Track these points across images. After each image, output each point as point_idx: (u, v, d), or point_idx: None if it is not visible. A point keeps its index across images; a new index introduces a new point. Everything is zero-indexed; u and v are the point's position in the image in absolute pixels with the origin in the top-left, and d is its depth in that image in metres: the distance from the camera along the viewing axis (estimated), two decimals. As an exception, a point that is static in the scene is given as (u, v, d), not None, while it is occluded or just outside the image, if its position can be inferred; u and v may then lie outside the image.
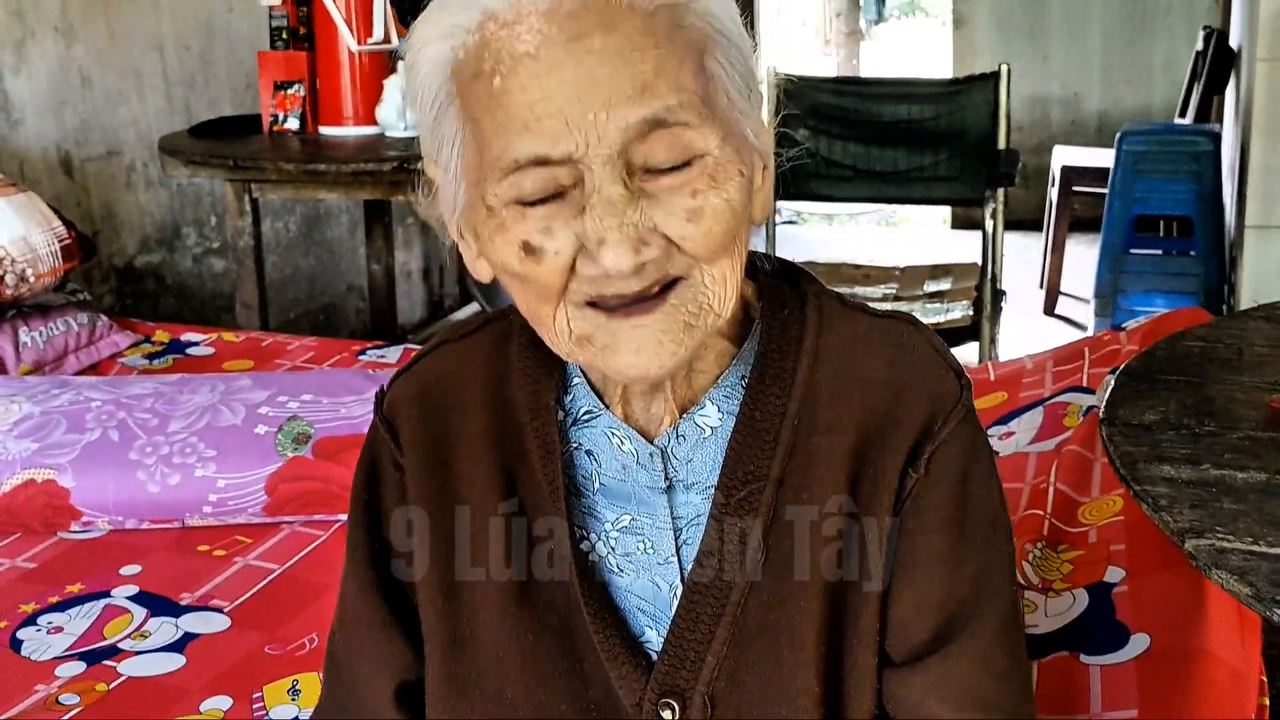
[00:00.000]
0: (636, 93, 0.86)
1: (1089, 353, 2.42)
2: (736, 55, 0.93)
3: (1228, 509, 1.25)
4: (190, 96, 4.02)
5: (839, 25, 10.92)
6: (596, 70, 0.86)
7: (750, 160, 0.94)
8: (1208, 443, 1.41)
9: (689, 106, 0.88)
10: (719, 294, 0.93)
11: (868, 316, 1.06)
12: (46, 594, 1.95)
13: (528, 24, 0.87)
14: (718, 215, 0.90)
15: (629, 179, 0.88)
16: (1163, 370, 1.63)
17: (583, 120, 0.86)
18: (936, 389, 1.01)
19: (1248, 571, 1.14)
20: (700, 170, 0.89)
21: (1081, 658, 1.57)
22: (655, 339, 0.92)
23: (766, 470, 1.00)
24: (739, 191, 0.91)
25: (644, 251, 0.88)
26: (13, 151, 3.47)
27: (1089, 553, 1.79)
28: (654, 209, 0.89)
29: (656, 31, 0.88)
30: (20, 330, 2.81)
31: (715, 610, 1.00)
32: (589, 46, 0.86)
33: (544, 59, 0.86)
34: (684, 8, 0.90)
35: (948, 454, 1.00)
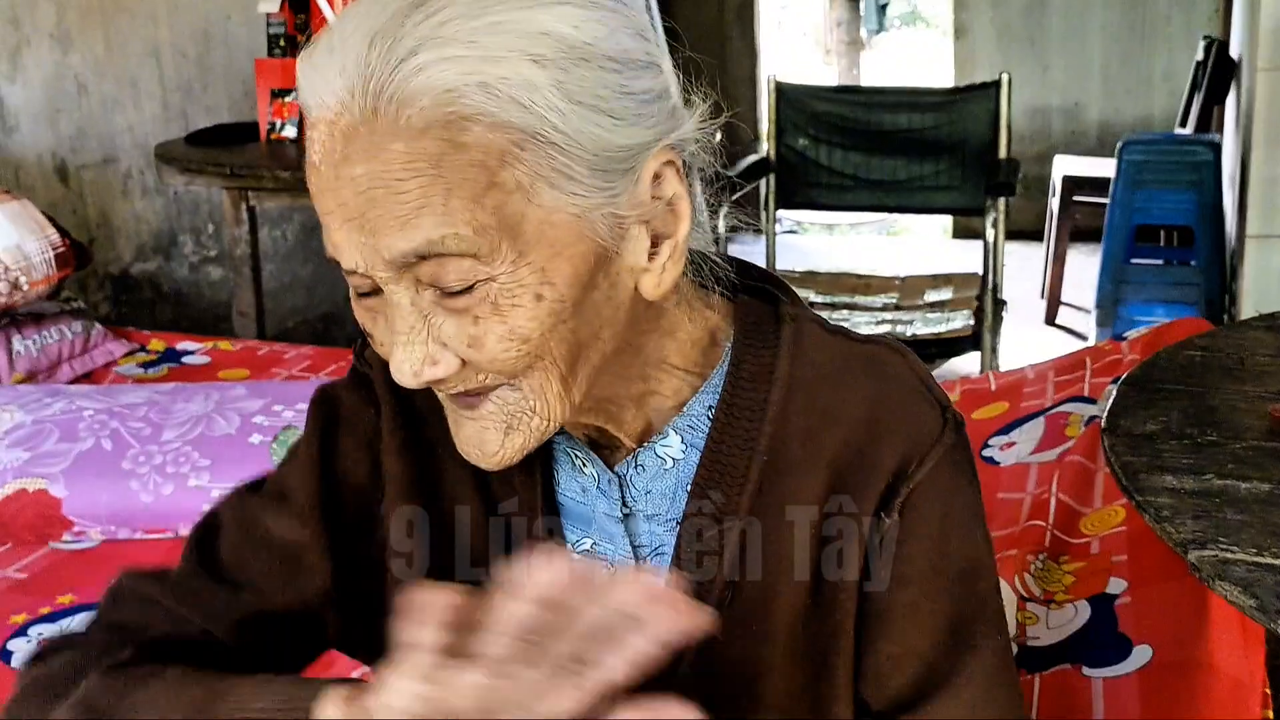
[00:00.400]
0: (398, 226, 0.80)
1: (1090, 362, 2.42)
2: (567, 147, 0.83)
3: (1231, 520, 1.24)
4: (187, 104, 4.01)
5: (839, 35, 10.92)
6: (358, 199, 0.81)
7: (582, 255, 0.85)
8: (1210, 453, 1.39)
9: (458, 240, 0.81)
10: (539, 404, 0.88)
11: (849, 342, 1.00)
12: (37, 605, 1.94)
13: (319, 132, 0.82)
14: (501, 343, 0.84)
15: (418, 295, 0.84)
16: (1164, 380, 1.61)
17: (356, 242, 0.82)
18: (916, 425, 0.96)
19: (1252, 583, 1.13)
20: (482, 296, 0.83)
21: (1084, 670, 1.56)
22: (479, 434, 0.89)
23: (734, 508, 0.96)
24: (531, 317, 0.84)
25: (430, 369, 0.85)
26: (8, 158, 3.46)
27: (1091, 564, 1.78)
28: (443, 327, 0.85)
29: (424, 157, 0.80)
30: (14, 338, 2.80)
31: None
32: (353, 172, 0.80)
33: (324, 175, 0.82)
34: (464, 123, 0.80)
35: (924, 497, 0.95)
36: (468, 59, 0.80)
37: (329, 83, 0.81)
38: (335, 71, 0.81)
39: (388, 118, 0.79)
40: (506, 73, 0.80)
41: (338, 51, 0.81)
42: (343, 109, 0.80)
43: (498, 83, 0.80)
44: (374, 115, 0.79)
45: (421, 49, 0.79)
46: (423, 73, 0.79)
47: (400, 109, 0.79)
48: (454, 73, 0.79)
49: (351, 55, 0.80)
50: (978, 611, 0.96)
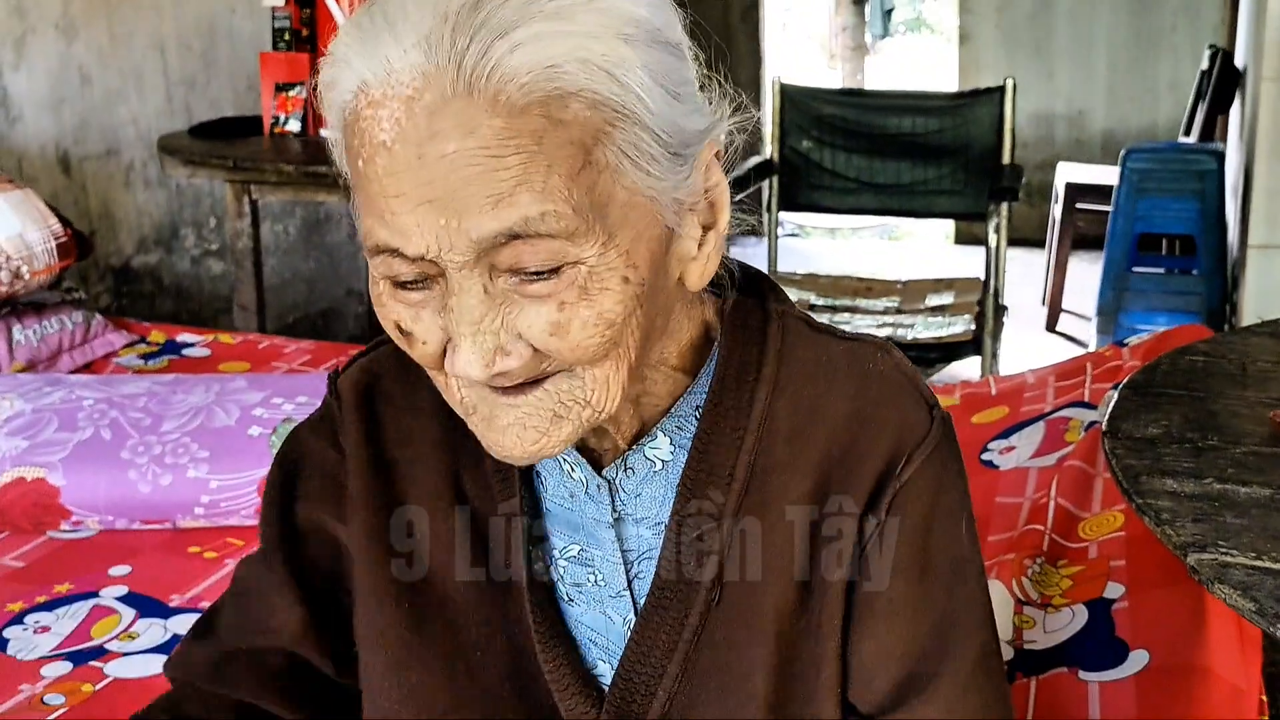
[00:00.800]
0: (491, 204, 0.78)
1: (1091, 368, 2.41)
2: (652, 127, 0.83)
3: (1231, 524, 1.24)
4: (191, 97, 4.01)
5: (844, 39, 10.92)
6: (449, 177, 0.78)
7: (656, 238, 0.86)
8: (1210, 457, 1.39)
9: (556, 216, 0.79)
10: (599, 394, 0.86)
11: (836, 340, 0.99)
12: (34, 593, 1.94)
13: (389, 110, 0.78)
14: (586, 329, 0.82)
15: (491, 282, 0.81)
16: (1166, 384, 1.61)
17: (434, 225, 0.79)
18: (903, 422, 0.95)
19: (1251, 587, 1.13)
20: (570, 280, 0.81)
21: (1080, 674, 1.56)
22: (520, 422, 0.86)
23: (722, 508, 0.95)
24: (618, 301, 0.83)
25: (502, 361, 0.83)
26: (11, 148, 3.46)
27: (1089, 568, 1.78)
28: (520, 316, 0.82)
29: (524, 133, 0.77)
30: (14, 328, 2.80)
31: (668, 645, 0.96)
32: (443, 149, 0.77)
33: (399, 155, 0.78)
34: (565, 99, 0.79)
35: (910, 495, 0.94)
36: (569, 35, 0.79)
37: (401, 57, 0.78)
38: (409, 46, 0.78)
39: (486, 94, 0.77)
40: (605, 49, 0.80)
41: (406, 25, 0.79)
42: (426, 84, 0.77)
43: (598, 59, 0.79)
44: (469, 92, 0.77)
45: (515, 26, 0.78)
46: (520, 49, 0.77)
47: (500, 85, 0.77)
48: (556, 49, 0.78)
49: (427, 29, 0.78)
50: (961, 610, 0.96)
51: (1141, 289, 4.80)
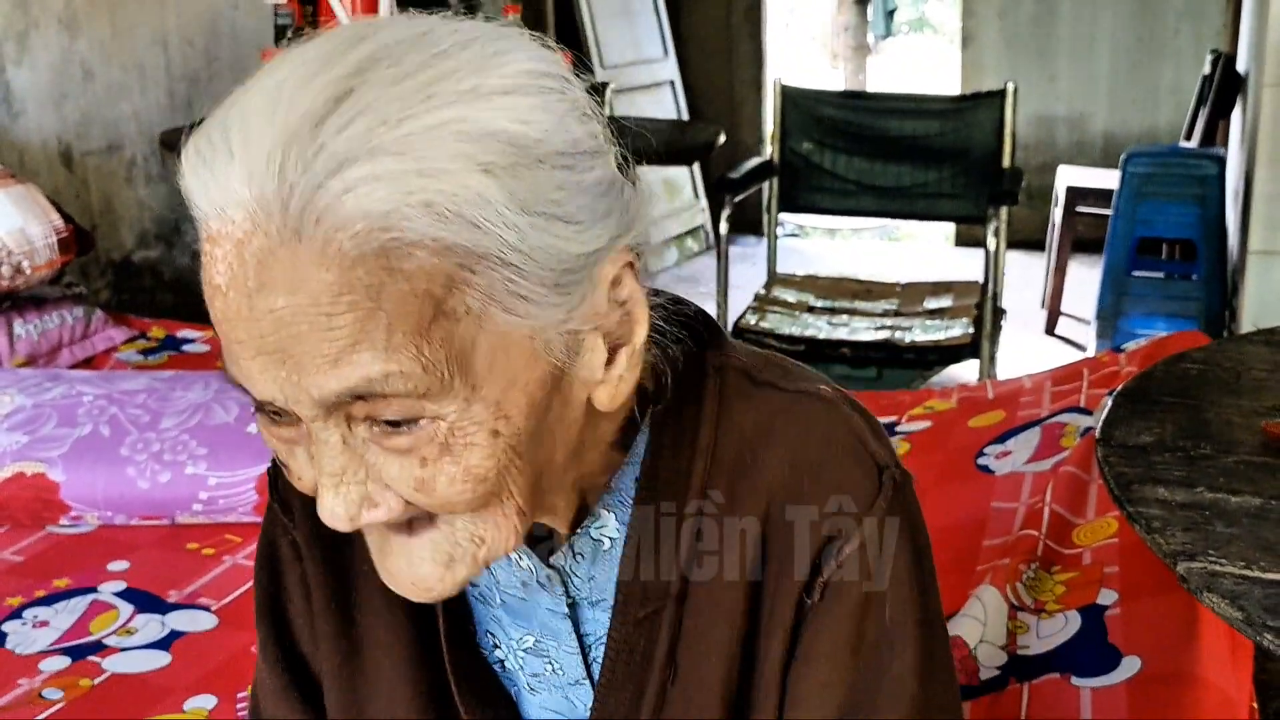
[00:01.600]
0: (329, 364, 0.69)
1: (1088, 374, 2.42)
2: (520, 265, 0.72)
3: (1221, 533, 1.24)
4: (193, 93, 4.01)
5: (846, 39, 10.92)
6: (280, 333, 0.69)
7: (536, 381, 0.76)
8: (1203, 466, 1.40)
9: (403, 378, 0.70)
10: (492, 535, 0.78)
11: (776, 395, 0.90)
12: (33, 588, 1.94)
13: (223, 250, 0.69)
14: (454, 485, 0.74)
15: (350, 432, 0.74)
16: (1160, 392, 1.62)
17: (275, 376, 0.71)
18: (843, 493, 0.86)
19: (1239, 596, 1.13)
20: (429, 436, 0.73)
21: (1072, 679, 1.57)
22: (412, 566, 0.79)
23: (666, 587, 0.88)
24: (486, 456, 0.74)
25: (370, 512, 0.75)
26: (12, 143, 3.46)
27: (1082, 574, 1.78)
28: (384, 467, 0.75)
29: (358, 288, 0.68)
30: (15, 323, 2.80)
31: None
32: (271, 304, 0.68)
33: (232, 302, 0.70)
34: (406, 249, 0.68)
35: (846, 575, 0.86)
36: (405, 174, 0.68)
37: (232, 192, 0.69)
38: (240, 180, 0.68)
39: (314, 244, 0.68)
40: (453, 187, 0.69)
41: (240, 150, 0.69)
42: (254, 228, 0.68)
43: (445, 200, 0.69)
44: (296, 239, 0.68)
45: (349, 164, 0.68)
46: (353, 192, 0.67)
47: (329, 234, 0.68)
48: (391, 191, 0.68)
49: (259, 162, 0.68)
50: (887, 693, 0.88)
51: (1141, 293, 4.80)
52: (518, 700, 0.98)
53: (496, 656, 0.97)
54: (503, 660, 0.97)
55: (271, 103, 0.69)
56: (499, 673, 0.98)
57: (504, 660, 0.97)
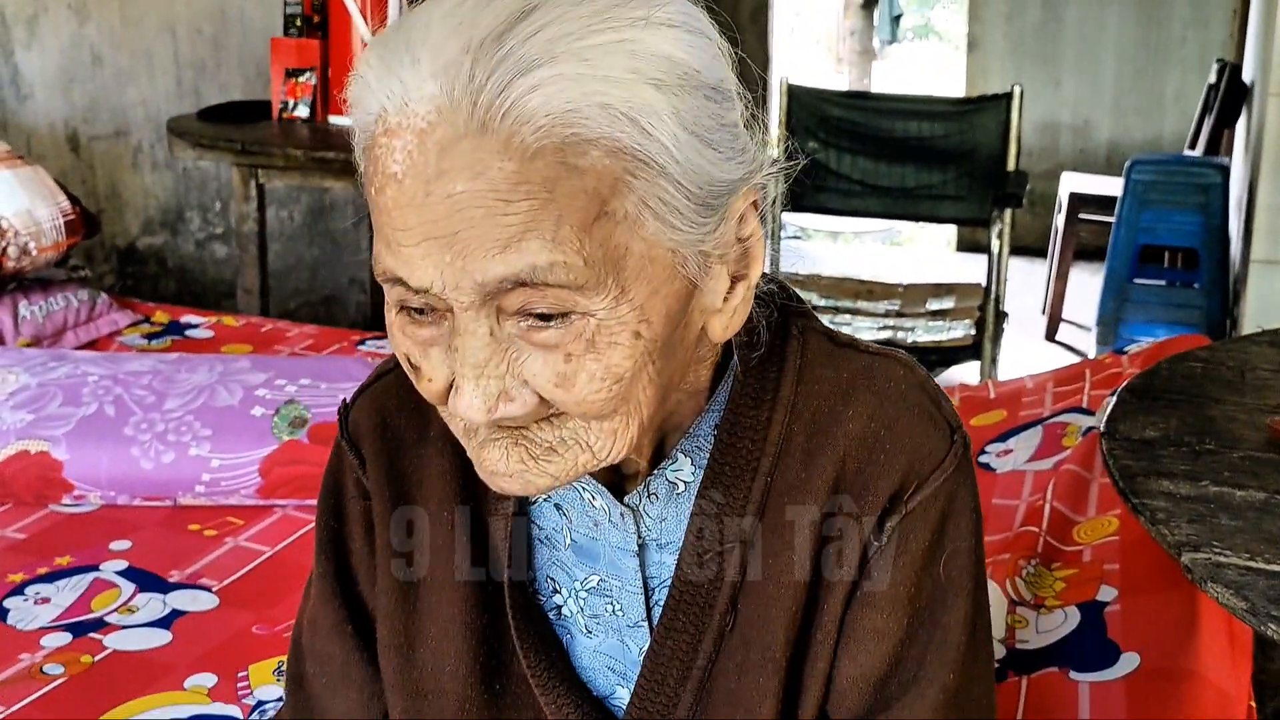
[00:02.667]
0: (498, 249, 0.74)
1: (1090, 375, 2.42)
2: (678, 178, 0.79)
3: (1225, 525, 1.25)
4: (200, 80, 4.02)
5: (852, 44, 10.94)
6: (454, 217, 0.74)
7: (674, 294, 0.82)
8: (1207, 461, 1.40)
9: (565, 268, 0.75)
10: (602, 444, 0.83)
11: (858, 355, 0.95)
12: (35, 565, 1.95)
13: (402, 141, 0.75)
14: (593, 383, 0.79)
15: (498, 325, 0.78)
16: (1165, 389, 1.62)
17: (439, 262, 0.76)
18: (918, 446, 0.91)
19: (1243, 586, 1.14)
20: (578, 332, 0.78)
21: (1070, 674, 1.57)
22: (517, 456, 0.83)
23: (735, 532, 0.92)
24: (627, 356, 0.79)
25: (505, 406, 0.79)
26: (20, 126, 3.47)
27: (1082, 571, 1.79)
28: (525, 362, 0.79)
29: (536, 179, 0.74)
30: (20, 304, 2.81)
31: (681, 673, 0.95)
32: (450, 188, 0.74)
33: (407, 189, 0.75)
34: (583, 146, 0.75)
35: (914, 525, 0.91)
36: (588, 78, 0.75)
37: (417, 88, 0.75)
38: (425, 77, 0.75)
39: (499, 135, 0.74)
40: (628, 94, 0.76)
41: (426, 51, 0.75)
42: (439, 119, 0.74)
43: (620, 104, 0.75)
44: (481, 131, 0.74)
45: (538, 65, 0.74)
46: (538, 90, 0.73)
47: (514, 127, 0.73)
48: (575, 92, 0.74)
49: (446, 62, 0.74)
50: (937, 642, 0.93)
51: (1142, 300, 4.81)
52: (570, 646, 1.00)
53: (554, 602, 1.00)
54: (560, 606, 1.00)
55: (454, 17, 0.76)
56: (554, 620, 1.01)
57: (561, 606, 1.00)
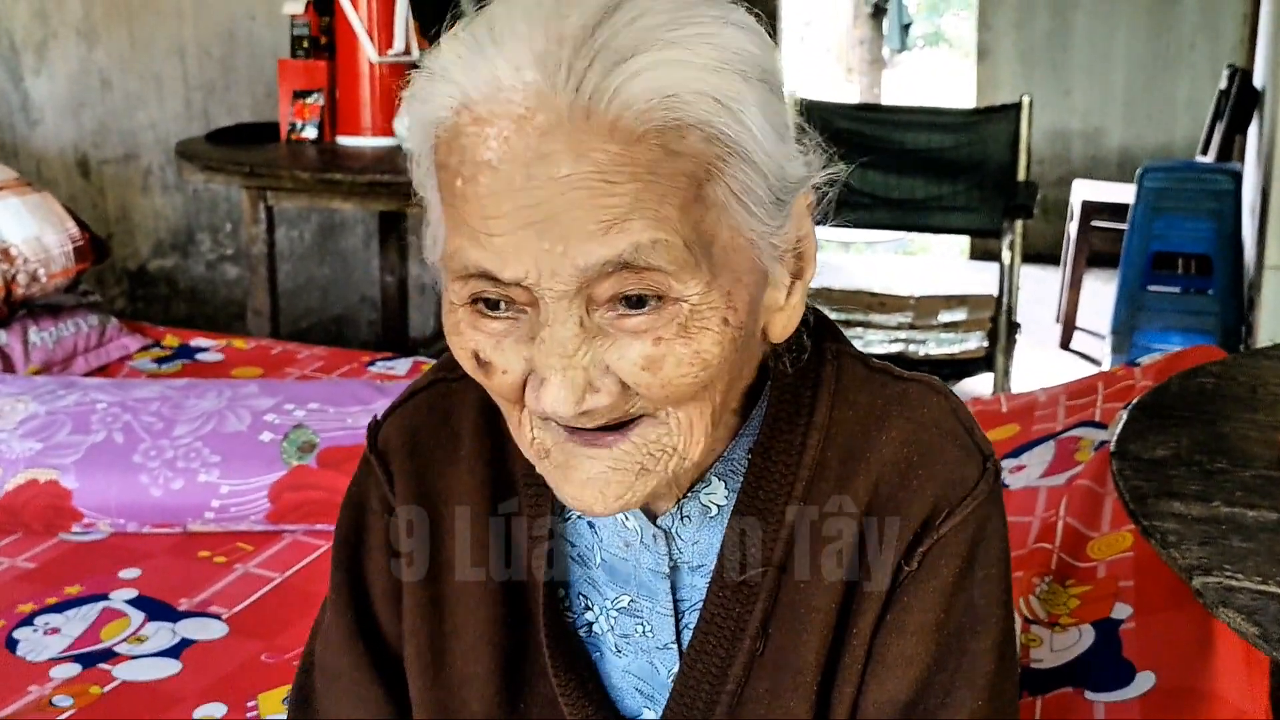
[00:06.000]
0: (601, 230, 0.75)
1: (1103, 388, 2.41)
2: (762, 167, 0.81)
3: (1237, 547, 1.23)
4: (209, 103, 4.03)
5: (862, 53, 10.93)
6: (557, 200, 0.75)
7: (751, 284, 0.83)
8: (1219, 480, 1.39)
9: (667, 247, 0.76)
10: (684, 440, 0.84)
11: (892, 381, 0.96)
12: (44, 595, 1.94)
13: (497, 128, 0.76)
14: (681, 367, 0.79)
15: (587, 315, 0.78)
16: (1175, 406, 1.61)
17: (536, 249, 0.76)
18: (950, 473, 0.92)
19: (1255, 611, 1.12)
20: (671, 316, 0.79)
21: (1086, 694, 1.56)
22: (604, 476, 0.83)
23: (768, 555, 0.92)
24: (716, 342, 0.80)
25: (591, 398, 0.79)
26: (30, 151, 3.47)
27: (1096, 588, 1.77)
28: (610, 349, 0.79)
29: (639, 161, 0.75)
30: (30, 330, 2.81)
31: (710, 696, 0.94)
32: (553, 172, 0.75)
33: (504, 175, 0.75)
34: (682, 130, 0.76)
35: (944, 551, 0.91)
36: (686, 65, 0.76)
37: (512, 75, 0.76)
38: (522, 64, 0.76)
39: (604, 119, 0.75)
40: (723, 83, 0.78)
41: (517, 44, 0.76)
42: (539, 104, 0.75)
43: (717, 92, 0.77)
44: (585, 115, 0.75)
45: (636, 52, 0.75)
46: (641, 76, 0.75)
47: (618, 111, 0.75)
48: (675, 78, 0.76)
49: (539, 52, 0.76)
50: (965, 670, 0.92)
51: (1156, 308, 4.79)
52: (599, 664, 1.00)
53: (585, 619, 1.00)
54: (591, 623, 1.00)
55: (538, 11, 0.78)
56: (584, 637, 1.01)
57: (593, 623, 1.00)
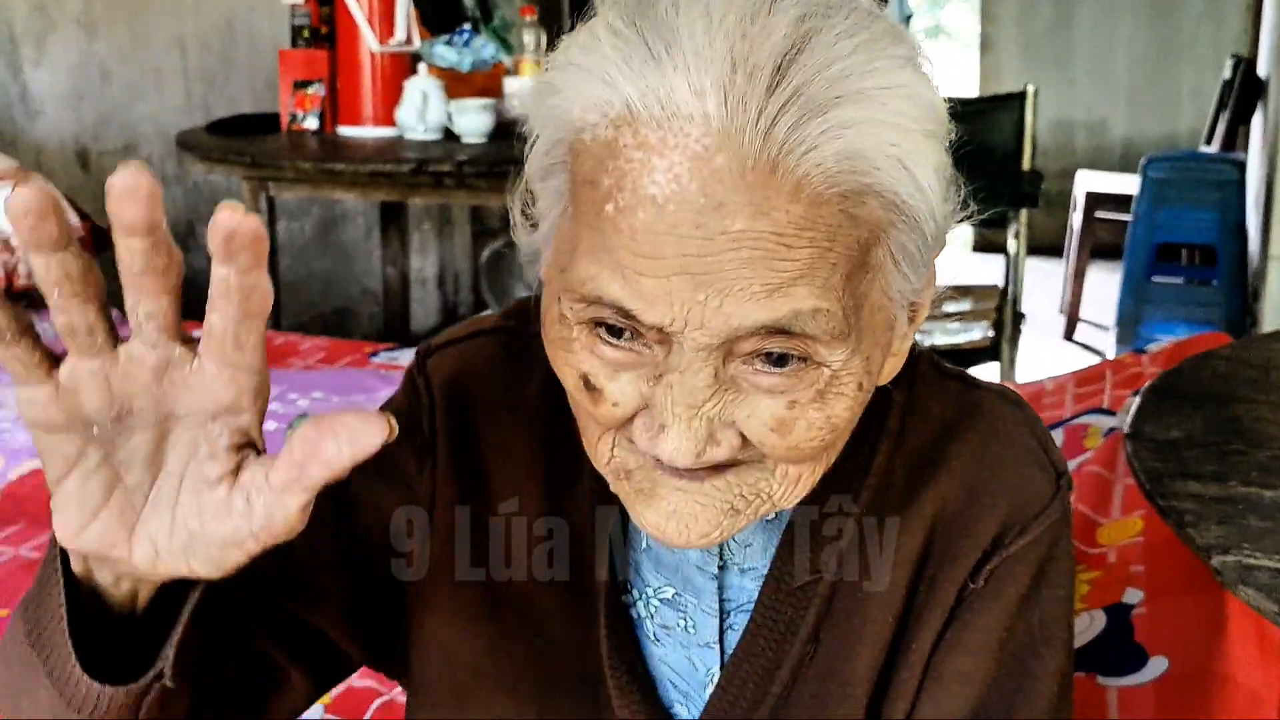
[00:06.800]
0: (766, 293, 0.69)
1: (1111, 375, 2.41)
2: (926, 232, 0.74)
3: (1255, 526, 1.22)
4: (209, 94, 4.02)
5: (863, 47, 10.91)
6: (725, 255, 0.68)
7: (884, 342, 0.78)
8: (1234, 461, 1.38)
9: (828, 317, 0.70)
10: (785, 491, 0.79)
11: (965, 390, 0.92)
12: (47, 584, 1.93)
13: (667, 161, 0.68)
14: (810, 431, 0.74)
15: (723, 366, 0.72)
16: (1189, 389, 1.60)
17: (688, 299, 0.69)
18: (1022, 491, 0.88)
19: (1275, 589, 1.11)
20: (810, 380, 0.73)
21: (1099, 679, 1.55)
22: (692, 511, 0.78)
23: (826, 563, 0.88)
24: (848, 407, 0.75)
25: (710, 451, 0.74)
26: (30, 143, 3.47)
27: (1107, 574, 1.77)
28: (741, 404, 0.74)
29: (819, 226, 0.68)
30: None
31: (755, 698, 0.90)
32: (727, 225, 0.67)
33: (669, 216, 0.68)
34: (865, 195, 0.70)
35: (1012, 570, 0.87)
36: (880, 125, 0.69)
37: (694, 101, 0.68)
38: (701, 89, 0.68)
39: (790, 177, 0.68)
40: (912, 146, 0.71)
41: (690, 59, 0.68)
42: (721, 145, 0.67)
43: (905, 156, 0.70)
44: (770, 169, 0.67)
45: (831, 106, 0.68)
46: (835, 135, 0.68)
47: (808, 170, 0.68)
48: (869, 140, 0.69)
49: (718, 78, 0.68)
50: (1025, 691, 0.88)
51: (1161, 299, 4.79)
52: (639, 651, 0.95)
53: (625, 602, 0.94)
54: (630, 607, 0.95)
55: (719, 28, 0.69)
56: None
57: (631, 607, 0.95)
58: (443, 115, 3.48)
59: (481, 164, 3.15)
